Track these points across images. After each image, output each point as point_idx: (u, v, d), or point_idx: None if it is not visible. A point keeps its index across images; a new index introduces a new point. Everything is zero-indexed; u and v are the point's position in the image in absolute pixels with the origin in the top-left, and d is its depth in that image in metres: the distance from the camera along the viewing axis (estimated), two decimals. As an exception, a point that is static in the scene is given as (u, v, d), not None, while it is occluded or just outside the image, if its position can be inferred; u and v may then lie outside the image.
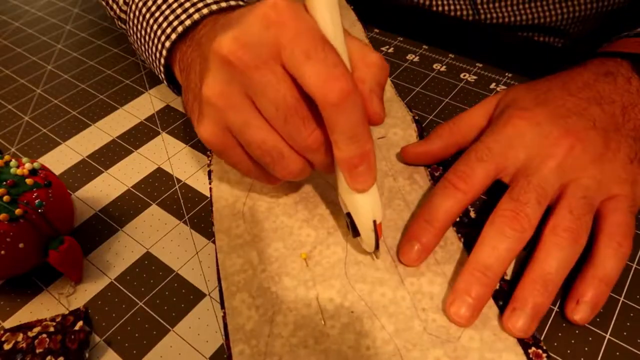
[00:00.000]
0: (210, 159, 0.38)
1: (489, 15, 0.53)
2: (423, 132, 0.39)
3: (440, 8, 0.54)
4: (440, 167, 0.37)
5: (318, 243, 0.32)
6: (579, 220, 0.28)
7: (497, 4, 0.52)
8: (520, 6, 0.52)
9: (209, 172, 0.37)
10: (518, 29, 0.54)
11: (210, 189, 0.36)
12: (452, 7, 0.54)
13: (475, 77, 0.45)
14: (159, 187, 0.37)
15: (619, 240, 0.28)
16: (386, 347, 0.27)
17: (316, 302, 0.29)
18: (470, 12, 0.53)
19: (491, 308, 0.28)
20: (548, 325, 0.28)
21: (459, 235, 0.32)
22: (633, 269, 0.30)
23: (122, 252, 0.33)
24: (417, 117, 0.40)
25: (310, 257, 0.31)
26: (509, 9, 0.52)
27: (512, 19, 0.53)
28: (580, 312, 0.27)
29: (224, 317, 0.28)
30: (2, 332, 0.28)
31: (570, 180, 0.30)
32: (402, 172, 0.36)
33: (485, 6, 0.52)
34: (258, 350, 0.27)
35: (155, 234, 0.34)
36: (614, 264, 0.28)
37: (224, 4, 0.37)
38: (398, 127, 0.40)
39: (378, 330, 0.27)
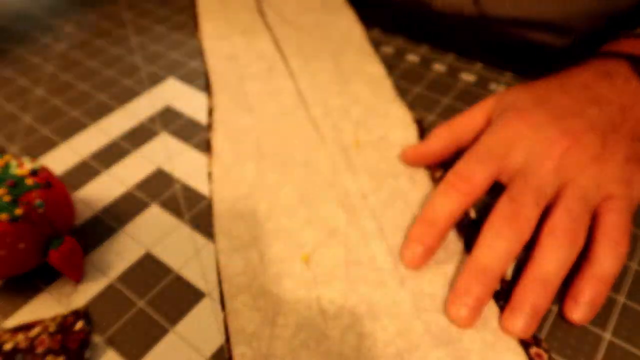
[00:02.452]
0: (210, 159, 0.38)
1: (491, 11, 0.53)
2: (424, 132, 0.39)
3: (440, 3, 0.54)
4: (440, 169, 0.37)
5: (319, 244, 0.32)
6: (577, 221, 0.28)
7: None
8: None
9: (209, 174, 0.37)
10: (519, 24, 0.53)
11: (210, 190, 0.36)
12: (454, 1, 0.53)
13: (475, 77, 0.45)
14: (159, 187, 0.37)
15: (616, 239, 0.28)
16: (388, 348, 0.27)
17: (317, 304, 0.29)
18: (473, 8, 0.53)
19: (491, 309, 0.28)
20: (548, 326, 0.28)
21: (460, 235, 0.32)
22: (634, 269, 0.30)
23: (122, 252, 0.33)
24: (418, 118, 0.40)
25: (311, 259, 0.31)
26: (512, 2, 0.52)
27: (514, 13, 0.52)
28: (579, 311, 0.27)
29: (224, 320, 0.28)
30: (2, 332, 0.28)
31: (568, 181, 0.30)
32: (403, 172, 0.36)
33: None
34: (259, 352, 0.27)
35: (155, 234, 0.34)
36: (612, 263, 0.28)
37: None
38: (398, 128, 0.40)
39: (380, 331, 0.27)
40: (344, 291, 0.29)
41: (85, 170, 0.39)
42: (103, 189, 0.37)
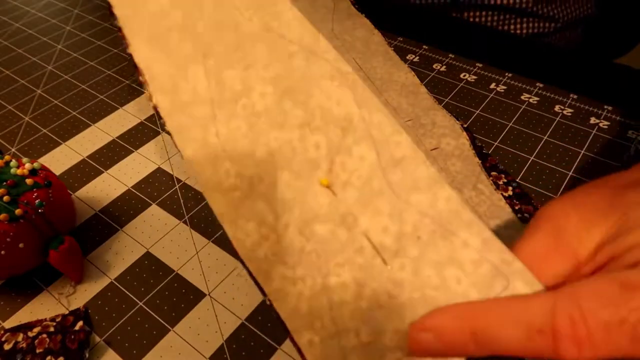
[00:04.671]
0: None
1: None
2: (475, 141, 0.38)
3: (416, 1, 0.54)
4: (502, 175, 0.36)
5: (335, 152, 0.22)
6: None
7: None
8: None
9: (154, 108, 0.25)
10: (491, 9, 0.53)
11: (168, 133, 0.24)
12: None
13: (475, 77, 0.45)
14: (159, 187, 0.37)
15: None
16: (479, 269, 0.19)
17: (368, 243, 0.21)
18: None
19: None
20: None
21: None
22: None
23: (122, 252, 0.33)
24: (465, 126, 0.40)
25: (333, 181, 0.22)
26: None
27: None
28: None
29: (270, 306, 0.21)
30: (2, 332, 0.28)
31: None
32: (465, 183, 0.35)
33: None
34: (327, 332, 0.20)
35: (155, 234, 0.34)
36: None
37: None
38: (449, 137, 0.38)
39: (461, 249, 0.20)
40: (396, 211, 0.21)
41: (85, 170, 0.39)
42: (103, 189, 0.37)
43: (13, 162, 0.31)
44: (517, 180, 0.36)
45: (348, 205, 0.22)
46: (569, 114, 0.40)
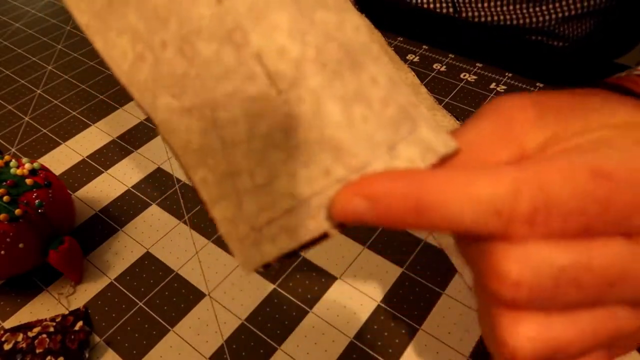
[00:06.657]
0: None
1: (470, 14, 0.53)
2: None
3: (423, 5, 0.55)
4: None
5: None
6: None
7: (477, 4, 0.52)
8: (500, 9, 0.52)
9: None
10: (499, 29, 0.54)
11: None
12: (432, 5, 0.54)
13: (475, 77, 0.45)
14: (159, 187, 0.37)
15: None
16: (387, 109, 0.17)
17: (261, 67, 0.16)
18: (451, 10, 0.54)
19: None
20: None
21: None
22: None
23: (122, 252, 0.33)
24: None
25: None
26: (491, 10, 0.53)
27: (491, 18, 0.53)
28: None
29: (163, 138, 0.18)
30: (2, 332, 0.28)
31: None
32: None
33: (465, 3, 0.53)
34: (221, 170, 0.17)
35: (155, 234, 0.34)
36: None
37: None
38: None
39: (369, 85, 0.17)
40: (297, 25, 0.16)
41: (85, 170, 0.39)
42: (103, 189, 0.37)
43: (13, 162, 0.31)
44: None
45: (237, 16, 0.16)
46: (569, 114, 0.40)
